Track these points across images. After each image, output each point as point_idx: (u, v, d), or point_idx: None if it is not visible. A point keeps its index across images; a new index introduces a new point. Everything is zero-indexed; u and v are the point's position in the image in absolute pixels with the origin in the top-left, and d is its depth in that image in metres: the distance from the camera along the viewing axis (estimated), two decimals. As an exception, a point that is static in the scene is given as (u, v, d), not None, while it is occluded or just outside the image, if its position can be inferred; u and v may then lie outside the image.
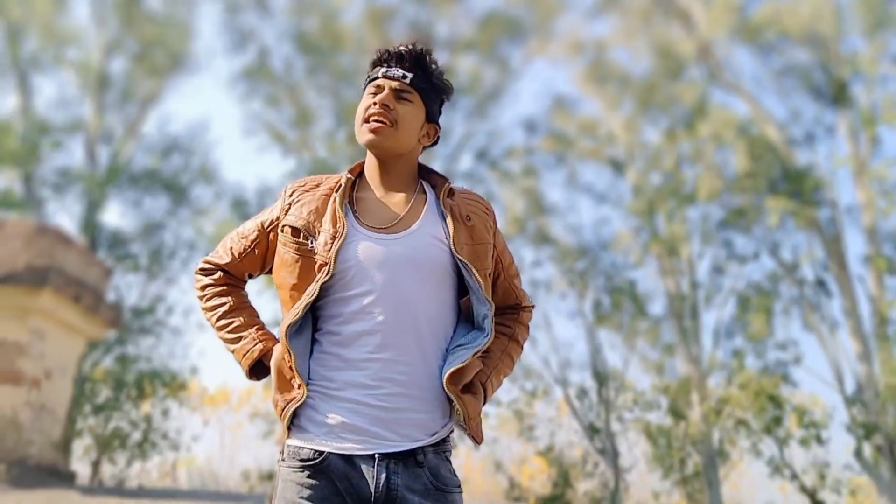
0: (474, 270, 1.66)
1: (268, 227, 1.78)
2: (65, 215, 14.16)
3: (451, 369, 1.61)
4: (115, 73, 15.05)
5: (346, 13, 15.24)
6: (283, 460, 1.63)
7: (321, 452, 1.58)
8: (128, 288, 13.57)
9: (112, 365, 12.81)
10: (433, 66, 1.78)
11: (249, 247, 1.79)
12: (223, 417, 13.97)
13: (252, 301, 1.86)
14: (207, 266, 1.84)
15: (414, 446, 1.59)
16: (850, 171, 13.12)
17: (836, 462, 13.24)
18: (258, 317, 1.81)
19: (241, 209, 14.00)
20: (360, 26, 14.85)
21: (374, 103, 1.73)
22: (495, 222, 1.81)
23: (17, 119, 14.21)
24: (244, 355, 1.72)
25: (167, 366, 13.18)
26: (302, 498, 1.57)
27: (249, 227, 1.81)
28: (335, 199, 1.71)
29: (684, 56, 14.33)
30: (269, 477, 12.21)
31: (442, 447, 1.65)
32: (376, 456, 1.57)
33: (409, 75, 1.75)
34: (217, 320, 1.78)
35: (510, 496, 12.85)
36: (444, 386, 1.61)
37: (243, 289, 1.85)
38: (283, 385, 1.64)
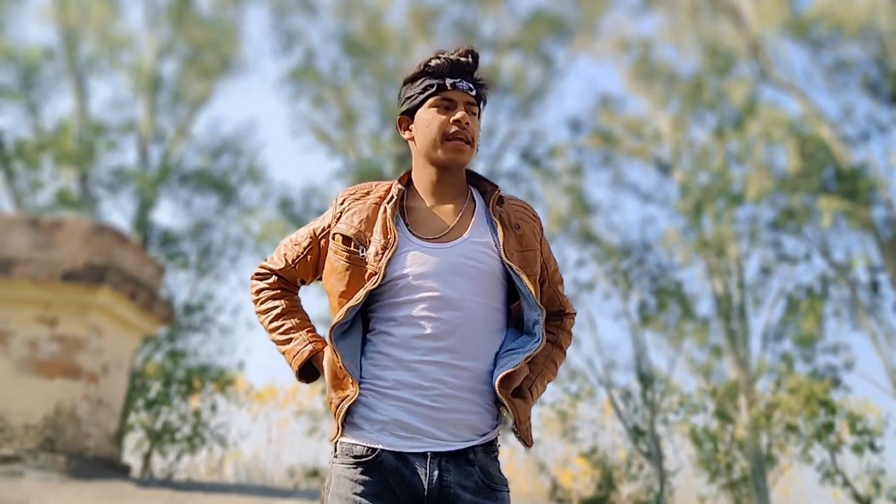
0: (524, 276, 1.68)
1: (319, 235, 1.80)
2: (118, 214, 14.53)
3: (503, 373, 1.63)
4: (167, 76, 15.40)
5: (390, 14, 15.33)
6: (336, 457, 1.66)
7: (374, 449, 1.60)
8: (178, 285, 13.91)
9: (162, 360, 13.11)
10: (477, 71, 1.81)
11: (302, 253, 1.82)
12: (270, 414, 14.17)
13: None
14: (263, 271, 1.88)
15: (465, 446, 1.61)
16: (907, 170, 12.69)
17: (891, 469, 12.79)
18: (309, 321, 1.85)
19: (288, 208, 14.16)
20: (405, 27, 14.92)
21: (458, 121, 1.73)
22: (542, 229, 1.83)
23: (74, 120, 14.68)
24: (294, 356, 1.76)
25: (215, 362, 13.47)
26: (355, 494, 1.59)
27: (302, 234, 1.85)
28: (386, 208, 1.72)
29: (733, 53, 14.02)
30: (314, 473, 12.35)
31: (491, 447, 1.67)
32: (428, 454, 1.59)
33: (474, 87, 1.77)
34: (269, 322, 1.82)
35: (553, 497, 12.77)
36: (496, 389, 1.63)
37: (296, 294, 1.89)
38: (337, 384, 1.67)
